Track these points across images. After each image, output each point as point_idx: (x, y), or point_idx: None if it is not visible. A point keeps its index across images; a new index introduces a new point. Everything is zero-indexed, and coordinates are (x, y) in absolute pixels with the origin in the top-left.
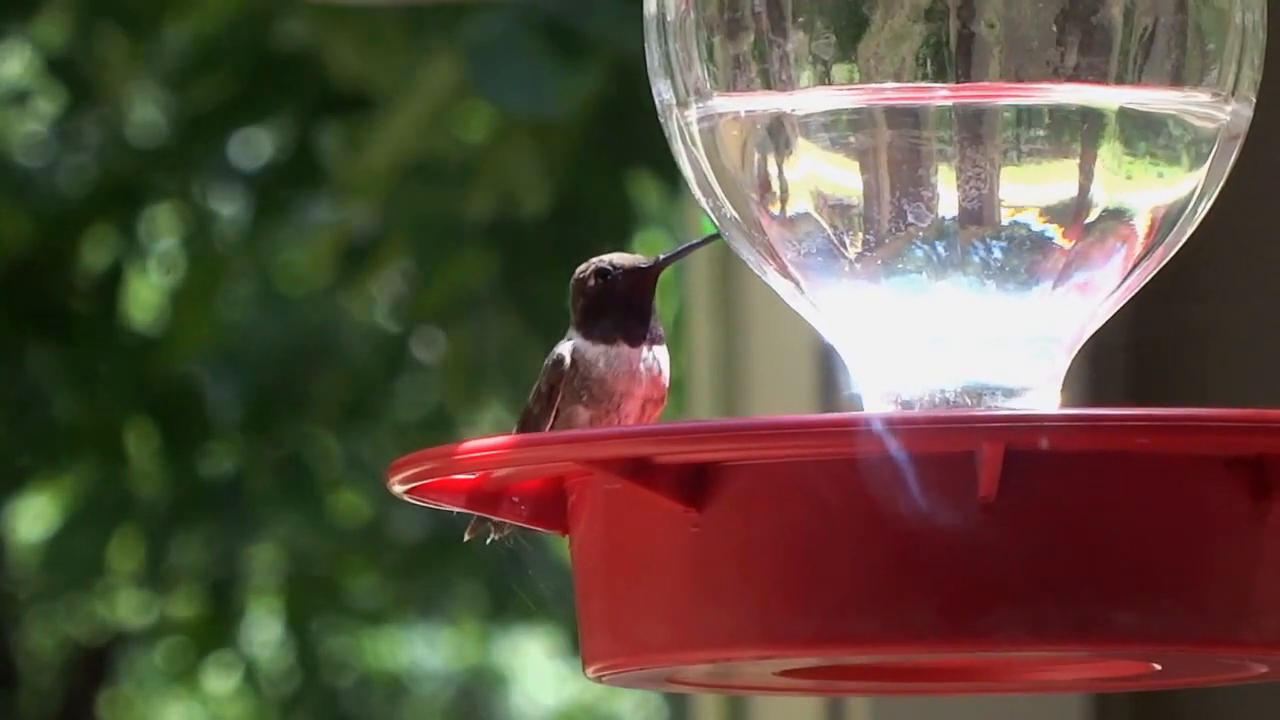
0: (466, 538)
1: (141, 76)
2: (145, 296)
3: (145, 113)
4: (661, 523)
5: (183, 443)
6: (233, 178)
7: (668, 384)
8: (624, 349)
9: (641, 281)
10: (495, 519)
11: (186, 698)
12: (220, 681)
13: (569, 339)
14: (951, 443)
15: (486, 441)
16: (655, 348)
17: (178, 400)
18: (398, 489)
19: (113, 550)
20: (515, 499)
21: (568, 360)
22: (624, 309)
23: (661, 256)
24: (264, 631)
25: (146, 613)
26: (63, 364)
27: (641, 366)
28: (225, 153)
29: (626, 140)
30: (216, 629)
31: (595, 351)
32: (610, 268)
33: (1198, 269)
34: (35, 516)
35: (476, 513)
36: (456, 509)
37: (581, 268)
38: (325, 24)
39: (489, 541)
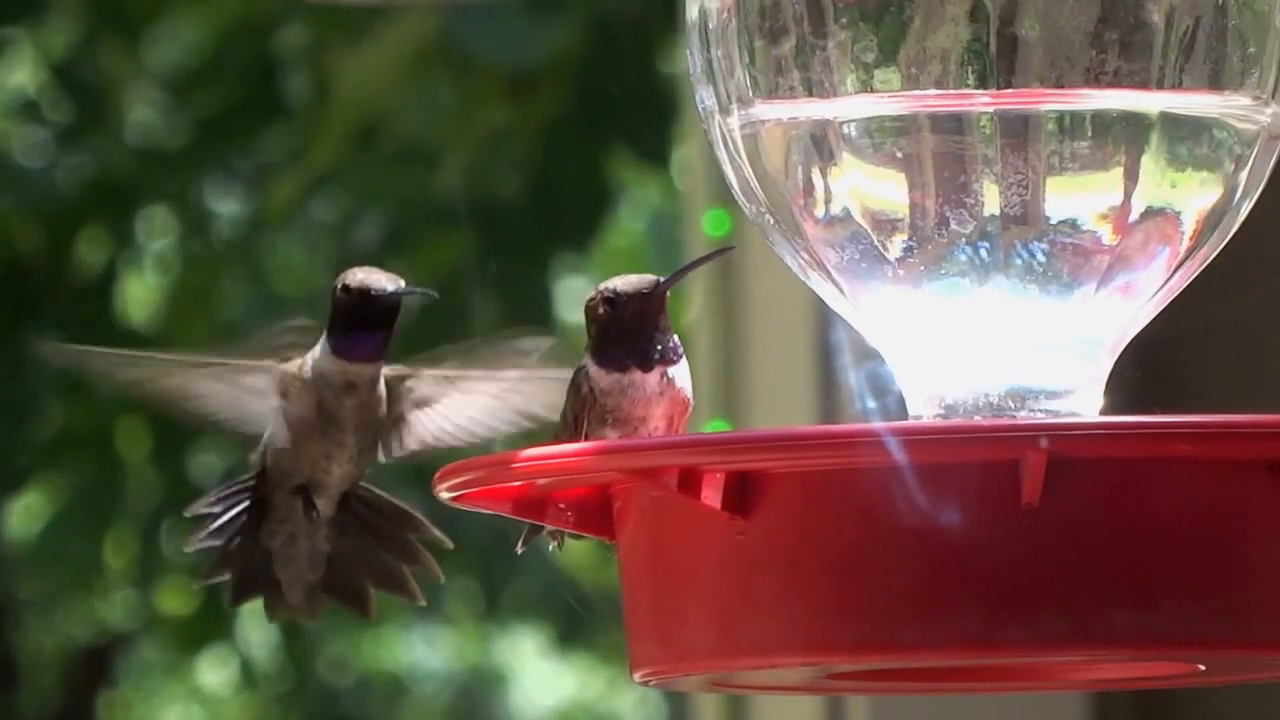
0: (520, 549)
1: (142, 77)
2: (141, 296)
3: (143, 113)
4: (707, 530)
5: (177, 441)
6: (231, 178)
7: (690, 396)
8: (636, 376)
9: (646, 306)
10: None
11: (184, 698)
12: (217, 680)
13: (585, 364)
14: (995, 451)
15: (535, 451)
16: (670, 368)
17: None
18: (444, 495)
19: (107, 548)
20: (561, 505)
21: (584, 388)
22: (633, 335)
23: (663, 279)
24: (260, 631)
25: (141, 610)
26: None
27: (657, 390)
28: (226, 156)
29: (603, 115)
30: (211, 625)
31: (609, 381)
32: (614, 295)
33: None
34: (34, 516)
35: (522, 519)
36: (502, 514)
37: (591, 294)
38: (325, 25)
39: (550, 549)
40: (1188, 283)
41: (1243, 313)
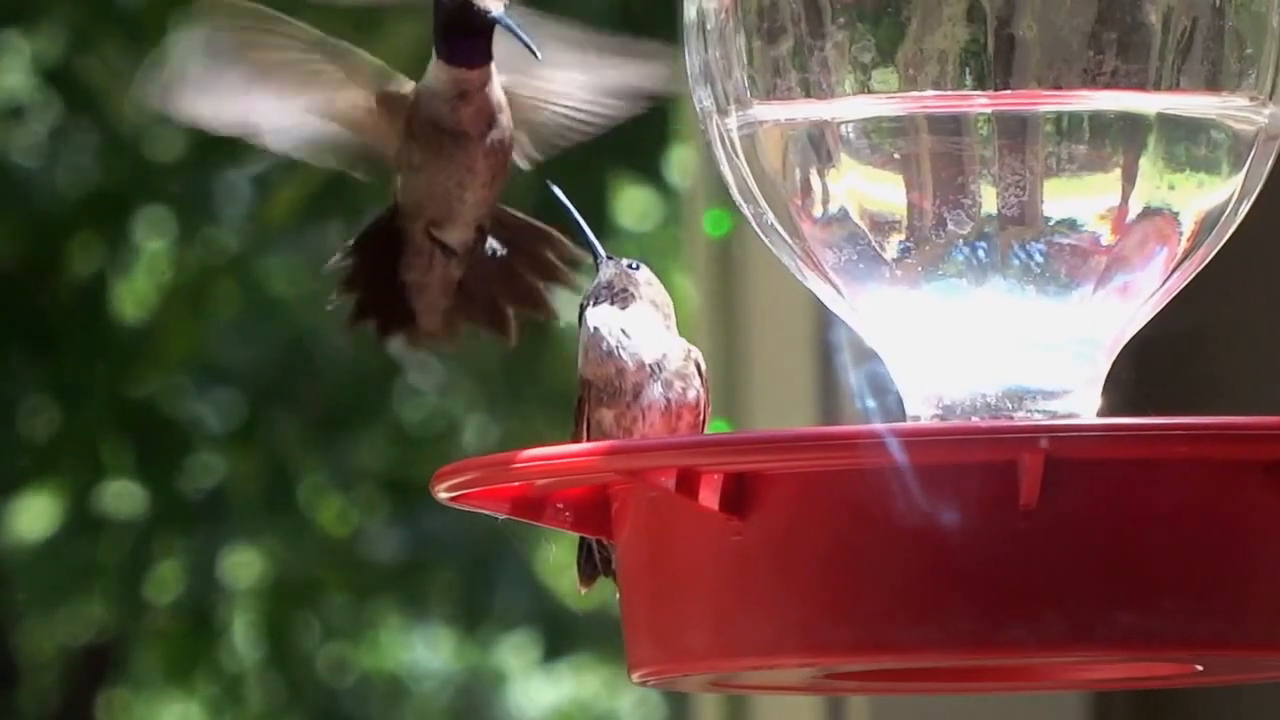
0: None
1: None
2: (135, 298)
3: (142, 116)
4: (704, 531)
5: (168, 453)
6: (229, 184)
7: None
8: None
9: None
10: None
11: (183, 699)
12: (209, 689)
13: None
14: (992, 452)
15: (534, 453)
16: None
17: (162, 410)
18: (442, 496)
19: (102, 556)
20: (559, 505)
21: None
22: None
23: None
24: (252, 641)
25: (132, 621)
26: (47, 372)
27: (619, 351)
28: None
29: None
30: (201, 638)
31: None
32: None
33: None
34: (34, 517)
35: (521, 519)
36: (501, 515)
37: None
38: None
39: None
40: (1185, 283)
41: (1243, 313)
